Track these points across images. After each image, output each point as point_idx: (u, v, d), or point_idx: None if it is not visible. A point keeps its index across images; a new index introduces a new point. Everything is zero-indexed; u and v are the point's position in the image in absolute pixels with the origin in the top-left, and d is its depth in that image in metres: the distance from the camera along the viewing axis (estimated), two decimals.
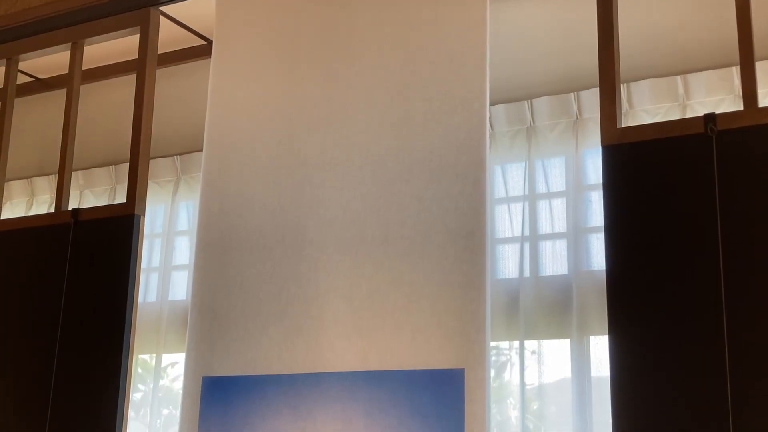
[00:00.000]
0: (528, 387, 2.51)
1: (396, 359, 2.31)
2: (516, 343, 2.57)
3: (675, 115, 2.48)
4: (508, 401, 2.59)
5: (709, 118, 2.05)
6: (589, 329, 2.47)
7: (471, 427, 2.18)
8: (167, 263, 3.13)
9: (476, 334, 2.23)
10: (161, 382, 3.14)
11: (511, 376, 2.55)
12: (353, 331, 2.38)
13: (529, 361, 2.53)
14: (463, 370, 2.22)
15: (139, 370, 3.19)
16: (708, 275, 1.98)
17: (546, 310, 2.53)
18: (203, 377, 2.55)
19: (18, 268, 2.87)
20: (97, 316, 2.67)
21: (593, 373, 2.43)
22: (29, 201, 3.53)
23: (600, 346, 2.45)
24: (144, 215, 2.71)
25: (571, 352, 2.48)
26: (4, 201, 3.17)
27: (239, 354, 2.51)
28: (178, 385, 2.95)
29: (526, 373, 2.52)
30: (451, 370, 2.23)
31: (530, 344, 2.54)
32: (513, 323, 2.57)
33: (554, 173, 2.62)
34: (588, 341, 2.48)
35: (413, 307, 2.32)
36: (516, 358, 2.55)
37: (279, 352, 2.46)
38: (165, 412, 3.13)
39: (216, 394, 2.52)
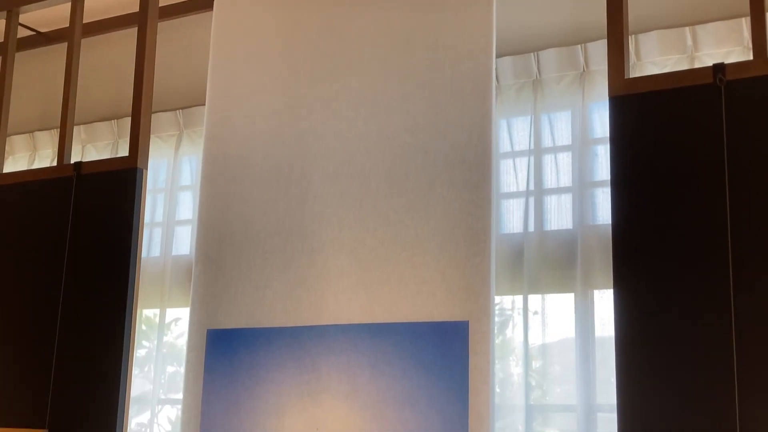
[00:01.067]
0: (531, 345, 2.51)
1: (400, 312, 2.31)
2: (519, 301, 2.56)
3: (683, 67, 2.45)
4: (510, 359, 2.60)
5: (718, 68, 2.03)
6: (594, 283, 2.46)
7: (475, 379, 2.18)
8: (170, 218, 3.13)
9: (481, 287, 2.23)
10: (165, 339, 3.15)
11: (514, 333, 2.55)
12: (358, 284, 2.38)
13: (533, 321, 2.52)
14: (468, 322, 2.22)
15: (143, 327, 3.20)
16: (715, 229, 1.97)
17: (550, 264, 2.52)
18: (208, 330, 2.55)
19: (21, 222, 2.86)
20: (101, 270, 2.67)
21: (597, 333, 2.43)
22: (31, 155, 3.52)
23: (604, 302, 2.45)
24: (147, 169, 2.70)
25: (575, 307, 2.48)
26: (6, 155, 3.16)
27: (244, 307, 2.52)
28: (182, 342, 2.96)
29: (529, 331, 2.52)
30: (455, 322, 2.24)
31: (533, 304, 2.53)
32: (517, 278, 2.57)
33: (560, 127, 2.60)
34: (592, 295, 2.48)
35: (418, 260, 2.31)
36: (519, 318, 2.55)
37: (284, 305, 2.46)
38: (170, 369, 3.15)
39: (221, 346, 2.52)
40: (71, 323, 2.68)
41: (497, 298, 2.52)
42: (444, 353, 2.23)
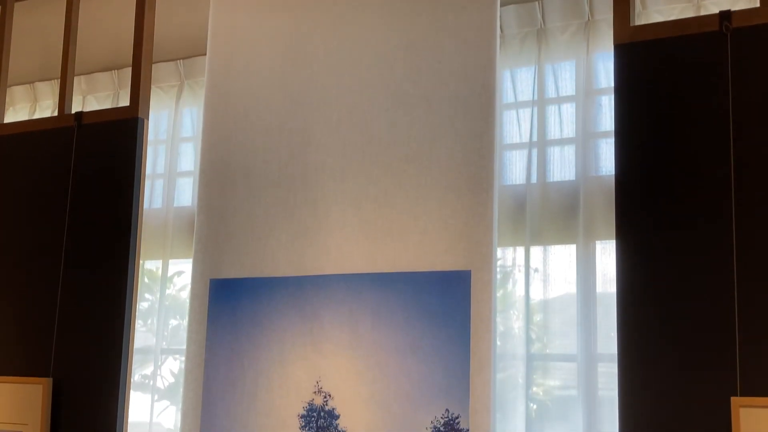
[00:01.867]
0: (532, 300, 2.52)
1: (403, 261, 2.31)
2: (521, 253, 2.56)
3: (689, 15, 2.42)
4: (512, 312, 2.61)
5: (724, 15, 2.01)
6: (596, 234, 2.46)
7: (477, 328, 2.20)
8: (172, 170, 3.12)
9: (483, 236, 2.23)
10: (168, 292, 3.16)
11: (515, 287, 2.55)
12: (360, 233, 2.38)
13: (534, 276, 2.52)
14: (470, 271, 2.23)
15: (146, 280, 3.20)
16: (720, 179, 1.96)
17: (553, 215, 2.52)
18: (210, 279, 2.56)
19: (21, 173, 2.85)
20: (103, 220, 2.67)
21: (599, 289, 2.43)
22: (32, 106, 3.50)
23: (606, 255, 2.45)
24: (148, 119, 2.68)
25: (576, 258, 2.48)
26: (6, 106, 3.14)
27: (246, 256, 2.52)
28: (185, 294, 2.97)
29: (531, 284, 2.52)
30: (457, 271, 2.24)
31: (535, 259, 2.52)
32: (519, 229, 2.57)
33: (564, 77, 2.58)
34: (594, 247, 2.48)
35: (420, 209, 2.31)
36: (520, 273, 2.54)
37: (286, 255, 2.47)
38: (173, 322, 3.16)
39: (223, 295, 2.54)
40: (73, 274, 2.69)
41: (499, 251, 2.52)
42: (446, 302, 2.24)
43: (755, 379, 1.87)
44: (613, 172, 2.12)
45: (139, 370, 3.08)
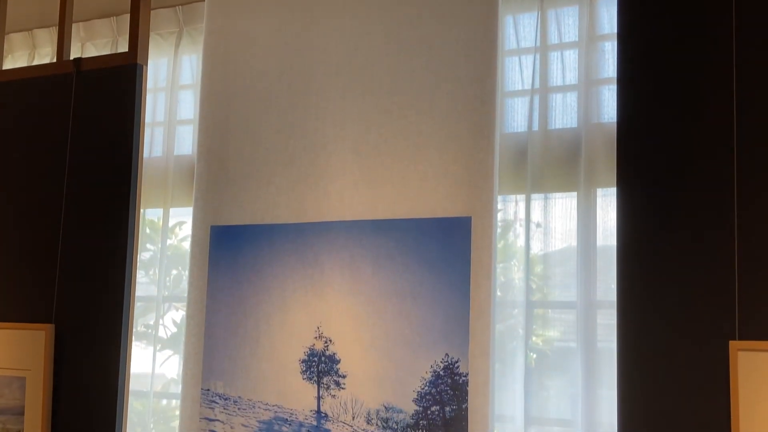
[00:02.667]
0: (532, 251, 2.51)
1: (403, 208, 2.31)
2: (521, 205, 2.55)
3: None
4: (512, 263, 2.61)
5: None
6: (597, 182, 2.45)
7: (477, 274, 2.20)
8: (172, 117, 3.10)
9: (484, 182, 2.23)
10: (169, 242, 3.16)
11: (516, 239, 2.54)
12: (361, 180, 2.37)
13: (534, 231, 2.51)
14: (470, 218, 2.23)
15: (147, 230, 3.20)
16: (722, 127, 1.95)
17: (554, 163, 2.51)
18: (211, 226, 2.57)
19: (21, 120, 2.84)
20: (103, 169, 2.66)
21: (599, 242, 2.42)
22: (31, 54, 3.46)
23: (606, 204, 2.44)
24: (147, 65, 2.66)
25: (577, 205, 2.48)
26: (5, 53, 3.11)
27: (247, 203, 2.52)
28: (187, 245, 2.97)
29: (531, 233, 2.51)
30: (458, 218, 2.24)
31: (536, 212, 2.51)
32: (520, 177, 2.56)
33: (567, 23, 2.54)
34: (595, 194, 2.47)
35: (421, 156, 2.31)
36: (521, 221, 2.53)
37: (287, 202, 2.47)
38: (175, 272, 3.17)
39: (224, 242, 2.54)
40: (74, 223, 2.69)
41: (500, 203, 2.51)
42: (446, 248, 2.24)
43: (754, 323, 1.87)
44: (615, 120, 2.10)
45: (141, 320, 3.09)
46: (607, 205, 2.45)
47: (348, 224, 2.37)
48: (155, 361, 2.91)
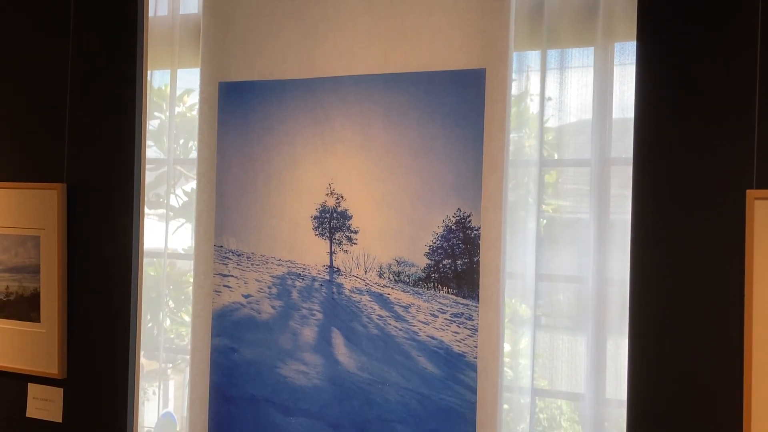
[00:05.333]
0: (546, 122, 2.44)
1: (416, 61, 2.25)
2: (537, 58, 2.47)
3: None
4: (524, 131, 2.55)
5: None
6: (615, 35, 2.37)
7: (490, 127, 2.17)
8: None
9: (499, 32, 2.16)
10: (177, 110, 3.12)
11: (529, 104, 2.47)
12: (372, 33, 2.30)
13: (547, 105, 2.44)
14: (485, 69, 2.17)
15: (155, 99, 3.15)
16: None
17: (572, 14, 2.42)
18: (220, 82, 2.52)
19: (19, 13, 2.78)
20: (109, 27, 2.61)
21: (614, 114, 2.36)
22: None
23: (624, 60, 2.37)
24: None
25: (594, 62, 2.40)
26: None
27: (255, 59, 2.46)
28: (195, 112, 2.92)
29: (546, 98, 2.44)
30: (472, 70, 2.19)
31: (551, 89, 2.43)
32: (536, 31, 2.48)
33: None
34: (613, 49, 2.40)
35: (434, 5, 2.23)
36: (535, 96, 2.46)
37: (296, 57, 2.40)
38: (181, 141, 3.14)
39: (233, 99, 2.50)
40: (81, 82, 2.65)
41: (515, 60, 2.43)
42: (460, 101, 2.20)
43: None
44: None
45: (153, 191, 3.08)
46: (624, 66, 2.37)
47: (358, 79, 2.31)
48: (168, 230, 2.91)
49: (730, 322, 1.88)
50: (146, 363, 2.82)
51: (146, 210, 2.71)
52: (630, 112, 2.08)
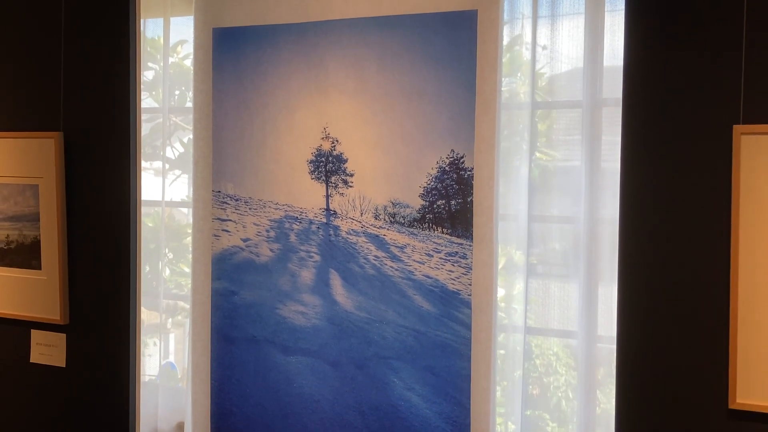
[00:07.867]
0: (539, 69, 2.45)
1: (408, 3, 2.27)
2: (529, 14, 2.47)
3: None
4: (518, 75, 2.57)
5: None
6: None
7: (483, 69, 2.19)
8: None
9: None
10: (171, 60, 3.12)
11: (522, 51, 2.48)
12: None
13: (540, 53, 2.44)
14: (476, 11, 2.19)
15: (149, 49, 3.15)
16: None
17: None
18: (213, 28, 2.53)
19: None
20: None
21: (606, 61, 2.36)
22: None
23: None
24: None
25: (585, 8, 2.41)
26: None
27: (248, 4, 2.47)
28: (189, 62, 2.93)
29: (542, 46, 2.45)
30: (464, 11, 2.20)
31: (542, 36, 2.43)
32: None
33: None
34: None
35: None
36: (528, 48, 2.46)
37: (289, 1, 2.41)
38: (177, 92, 3.14)
39: (227, 44, 2.51)
40: (75, 33, 2.66)
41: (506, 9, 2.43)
42: (452, 43, 2.22)
43: (758, 106, 1.88)
44: None
45: (148, 142, 3.10)
46: (615, 13, 2.38)
47: (351, 22, 2.33)
48: (165, 181, 2.93)
49: (716, 256, 1.92)
50: (147, 316, 2.86)
51: (143, 163, 2.73)
52: (621, 60, 2.10)
